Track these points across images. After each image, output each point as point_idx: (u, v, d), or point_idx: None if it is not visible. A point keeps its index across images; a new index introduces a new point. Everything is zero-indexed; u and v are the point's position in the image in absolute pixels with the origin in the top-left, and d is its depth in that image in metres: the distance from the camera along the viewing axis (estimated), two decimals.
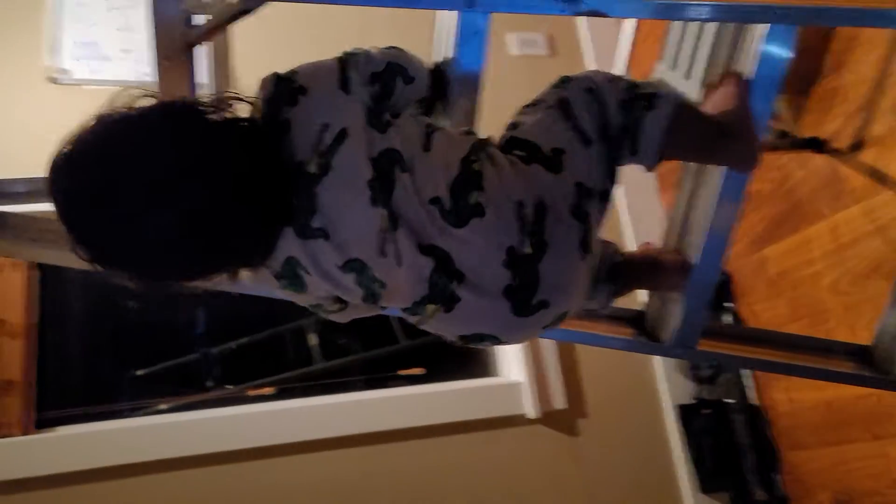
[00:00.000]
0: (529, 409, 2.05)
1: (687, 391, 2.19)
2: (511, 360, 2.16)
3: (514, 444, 2.05)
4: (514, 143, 0.85)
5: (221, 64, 1.10)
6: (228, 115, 0.74)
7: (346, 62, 0.80)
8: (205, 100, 0.74)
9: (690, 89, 1.39)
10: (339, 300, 0.82)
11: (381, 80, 0.81)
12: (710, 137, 0.93)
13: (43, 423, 1.82)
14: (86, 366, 2.25)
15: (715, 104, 0.96)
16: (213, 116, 0.72)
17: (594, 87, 0.87)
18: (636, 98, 0.87)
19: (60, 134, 0.71)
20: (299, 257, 0.76)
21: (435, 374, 2.13)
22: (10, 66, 1.99)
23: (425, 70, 0.88)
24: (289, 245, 0.75)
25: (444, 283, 0.77)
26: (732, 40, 1.04)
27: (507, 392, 2.09)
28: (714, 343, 1.08)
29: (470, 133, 0.88)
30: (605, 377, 2.16)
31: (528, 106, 0.90)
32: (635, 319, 1.13)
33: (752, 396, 2.09)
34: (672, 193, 1.07)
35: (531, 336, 0.91)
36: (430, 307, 0.79)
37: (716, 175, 1.00)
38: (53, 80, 1.91)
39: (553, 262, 0.78)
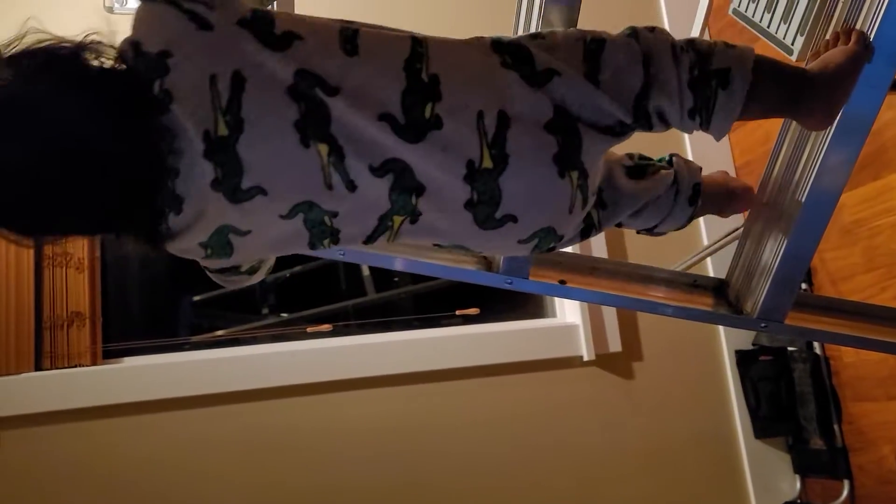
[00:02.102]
0: (584, 351, 2.04)
1: (745, 337, 2.15)
2: (567, 302, 2.13)
3: (568, 385, 2.05)
4: (508, 47, 0.76)
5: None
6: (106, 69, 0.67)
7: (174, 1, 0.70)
8: (86, 49, 0.67)
9: (788, 36, 1.27)
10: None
11: None
12: (786, 103, 0.85)
13: (109, 354, 1.87)
14: (145, 295, 2.30)
15: (821, 61, 0.87)
16: (92, 70, 0.67)
17: (651, 58, 0.77)
18: (708, 76, 0.77)
19: None
20: (234, 223, 0.71)
21: (489, 314, 2.12)
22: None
23: None
24: (220, 213, 0.70)
25: (405, 199, 0.72)
26: None
27: (562, 334, 2.07)
28: (802, 316, 1.03)
29: (400, 31, 0.77)
30: (661, 320, 2.10)
31: (574, 29, 0.82)
32: (718, 288, 1.08)
33: (817, 345, 2.04)
34: (743, 132, 0.98)
35: (510, 250, 0.85)
36: (397, 218, 0.74)
37: (821, 136, 0.92)
38: (110, 10, 1.87)
39: (516, 177, 0.72)
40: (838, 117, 0.87)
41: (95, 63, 0.67)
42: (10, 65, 0.65)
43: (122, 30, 0.71)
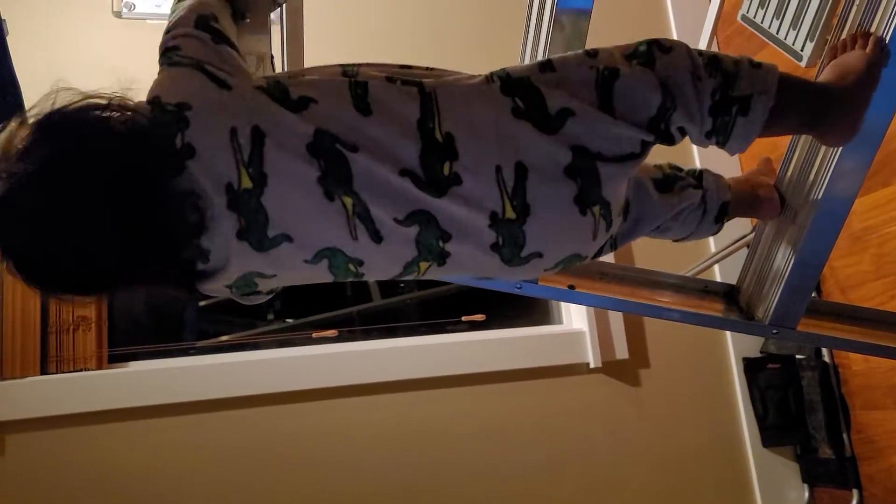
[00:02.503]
0: (591, 358, 2.03)
1: (753, 344, 2.14)
2: (573, 309, 2.13)
3: (574, 392, 2.03)
4: (518, 86, 0.75)
5: (294, 36, 1.03)
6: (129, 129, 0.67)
7: (194, 61, 0.72)
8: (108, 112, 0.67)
9: (798, 42, 1.27)
10: None
11: (212, 32, 0.76)
12: (807, 123, 0.85)
13: (114, 358, 1.87)
14: (151, 300, 2.29)
15: (838, 70, 0.87)
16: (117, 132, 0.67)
17: (668, 83, 0.76)
18: (729, 103, 0.77)
19: (124, 69, 0.68)
20: (260, 269, 0.73)
21: (495, 320, 2.11)
22: (76, 0, 1.95)
23: None
24: (246, 261, 0.71)
25: (433, 244, 0.74)
26: None
27: (568, 340, 2.06)
28: (814, 322, 1.02)
29: (402, 72, 0.77)
30: (668, 327, 2.10)
31: (584, 52, 0.80)
32: (728, 293, 1.07)
33: (825, 353, 2.02)
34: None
35: (535, 276, 0.88)
36: (423, 265, 0.76)
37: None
38: (118, 15, 1.87)
39: (540, 223, 0.74)
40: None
41: (120, 126, 0.67)
42: (39, 131, 0.66)
43: (133, 34, 0.72)
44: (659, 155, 0.96)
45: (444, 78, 0.77)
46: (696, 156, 2.26)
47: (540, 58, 0.98)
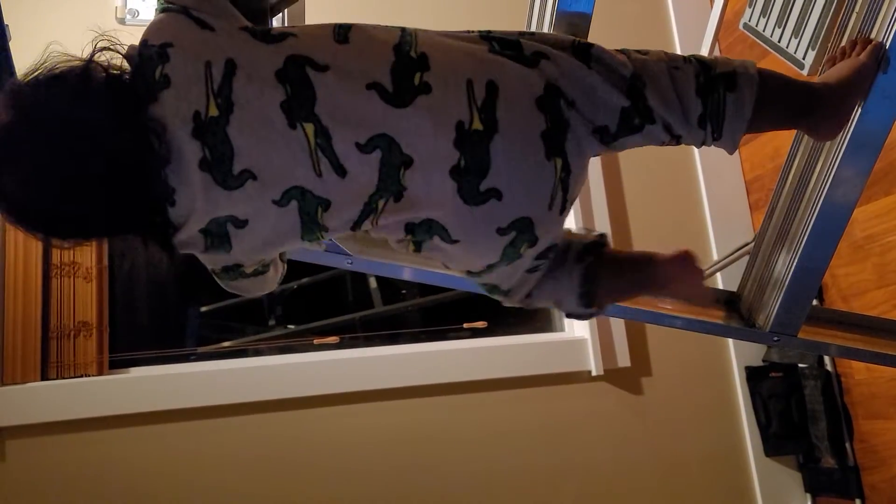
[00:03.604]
0: (593, 365, 2.02)
1: (755, 353, 2.13)
2: None
3: (576, 400, 2.03)
4: (495, 36, 0.77)
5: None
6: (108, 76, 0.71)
7: (181, 6, 0.75)
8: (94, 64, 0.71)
9: (799, 51, 1.27)
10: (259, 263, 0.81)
11: None
12: (794, 113, 0.85)
13: (115, 364, 1.87)
14: (153, 305, 2.30)
15: (830, 72, 0.88)
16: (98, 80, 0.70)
17: (645, 70, 0.78)
18: (714, 81, 0.78)
19: None
20: (231, 211, 0.72)
21: (497, 327, 2.11)
22: (81, 6, 1.96)
23: None
24: (214, 201, 0.71)
25: (393, 172, 0.71)
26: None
27: (570, 348, 2.06)
28: (816, 330, 1.01)
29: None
30: (671, 335, 2.10)
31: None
32: (729, 301, 1.06)
33: (827, 362, 2.02)
34: (753, 147, 0.98)
35: (486, 240, 0.75)
36: (380, 202, 0.73)
37: (834, 149, 0.91)
38: (122, 21, 1.88)
39: (506, 144, 0.71)
40: (851, 129, 0.86)
41: (103, 73, 0.71)
42: (30, 87, 0.70)
43: (137, 41, 0.75)
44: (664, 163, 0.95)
45: (427, 31, 0.78)
46: (697, 162, 2.26)
47: None
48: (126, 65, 0.72)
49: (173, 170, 0.70)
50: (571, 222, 2.11)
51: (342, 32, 0.74)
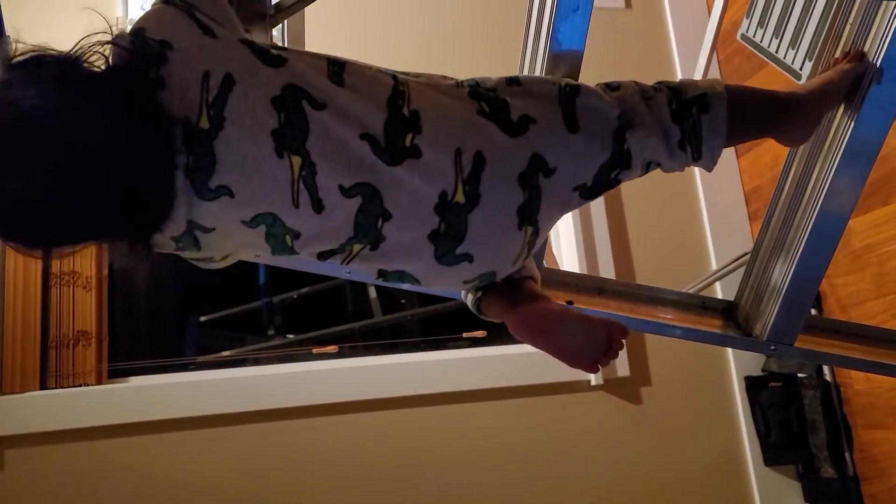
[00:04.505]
0: (592, 375, 2.02)
1: (755, 363, 2.13)
2: None
3: (575, 410, 2.03)
4: (484, 94, 0.77)
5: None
6: (99, 69, 0.69)
7: (185, 3, 0.73)
8: (79, 53, 0.69)
9: (797, 61, 1.28)
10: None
11: None
12: (764, 123, 0.88)
13: (114, 374, 1.87)
14: (152, 315, 2.30)
15: (810, 82, 0.91)
16: (88, 71, 0.68)
17: (623, 100, 0.80)
18: (687, 105, 0.80)
19: None
20: (200, 219, 0.71)
21: (496, 336, 2.11)
22: (80, 18, 1.97)
23: None
24: (189, 207, 0.71)
25: (371, 222, 0.73)
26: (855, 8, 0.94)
27: None
28: (813, 339, 1.02)
29: (383, 69, 0.79)
30: (670, 344, 2.09)
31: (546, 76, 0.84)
32: (727, 310, 1.07)
33: (826, 372, 2.02)
34: (752, 157, 0.99)
35: (453, 287, 0.83)
36: (357, 246, 0.74)
37: (830, 159, 0.92)
38: None
39: (484, 216, 0.74)
40: (846, 139, 0.87)
41: (96, 66, 0.69)
42: (15, 69, 0.67)
43: None
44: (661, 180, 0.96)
45: (419, 80, 0.79)
46: (696, 172, 2.27)
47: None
48: (118, 53, 0.70)
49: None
50: (570, 235, 2.12)
51: (336, 71, 0.74)
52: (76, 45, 0.70)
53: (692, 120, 0.80)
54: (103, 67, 0.69)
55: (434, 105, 0.75)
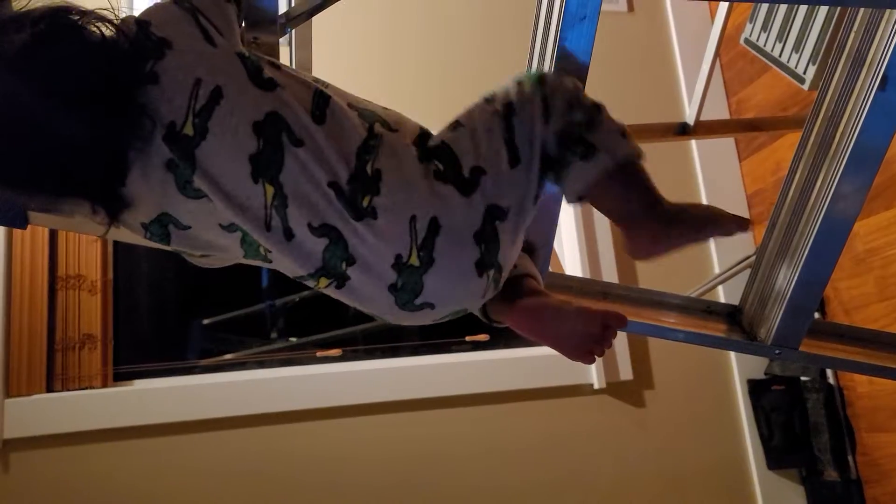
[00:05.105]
0: (595, 378, 2.03)
1: (758, 366, 2.14)
2: None
3: (578, 413, 2.03)
4: (434, 152, 0.78)
5: (302, 48, 1.05)
6: (104, 34, 0.71)
7: (193, 7, 0.75)
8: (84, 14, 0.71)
9: (800, 65, 1.28)
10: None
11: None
12: (625, 212, 0.83)
13: (119, 377, 1.87)
14: (156, 318, 2.30)
15: (685, 206, 0.86)
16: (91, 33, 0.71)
17: (548, 100, 0.79)
18: (577, 141, 0.78)
19: None
20: (176, 214, 0.74)
21: (499, 340, 2.12)
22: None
23: None
24: (167, 198, 0.73)
25: (336, 263, 0.74)
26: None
27: (572, 361, 2.05)
28: (817, 343, 1.02)
29: (363, 113, 0.80)
30: (673, 348, 2.11)
31: (483, 99, 0.82)
32: (731, 314, 1.07)
33: (830, 375, 2.02)
34: (755, 161, 0.98)
35: (425, 323, 0.83)
36: (323, 280, 0.76)
37: (835, 164, 0.92)
38: None
39: (439, 277, 0.76)
40: (851, 144, 0.87)
41: (98, 32, 0.71)
42: (17, 21, 0.69)
43: None
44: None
45: (391, 133, 0.79)
46: (699, 176, 2.27)
47: None
48: (124, 35, 0.72)
49: (137, 157, 0.71)
50: (574, 240, 2.12)
51: (321, 105, 0.76)
52: (83, 11, 0.71)
53: (568, 158, 0.78)
54: (100, 38, 0.71)
55: (397, 168, 0.76)
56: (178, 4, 0.75)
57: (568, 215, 2.14)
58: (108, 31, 0.72)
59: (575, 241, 2.13)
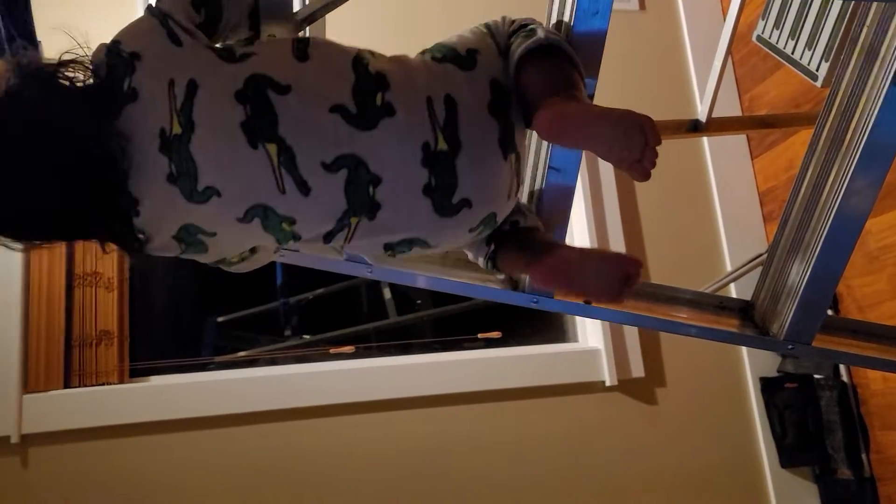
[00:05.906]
0: (607, 376, 2.03)
1: (770, 363, 2.13)
2: (589, 327, 2.13)
3: (590, 410, 2.04)
4: (430, 49, 0.81)
5: None
6: (75, 84, 0.73)
7: (162, 13, 0.77)
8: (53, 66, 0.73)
9: (813, 62, 1.28)
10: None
11: (205, 4, 0.80)
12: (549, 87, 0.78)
13: (135, 373, 1.90)
14: (171, 315, 2.33)
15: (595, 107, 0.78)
16: (63, 83, 0.73)
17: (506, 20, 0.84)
18: (520, 29, 0.82)
19: None
20: (197, 222, 0.74)
21: (511, 337, 2.12)
22: (104, 13, 2.00)
23: None
24: (182, 211, 0.73)
25: (363, 191, 0.73)
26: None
27: (584, 358, 2.07)
28: (830, 338, 1.02)
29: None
30: (685, 345, 2.11)
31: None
32: (743, 309, 1.07)
33: (843, 372, 2.01)
34: (767, 159, 0.98)
35: (460, 238, 0.83)
36: (354, 219, 0.75)
37: (847, 160, 0.92)
38: None
39: (470, 159, 0.75)
40: (863, 140, 0.87)
41: (71, 76, 0.73)
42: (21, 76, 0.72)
43: None
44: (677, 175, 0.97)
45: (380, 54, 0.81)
46: (710, 173, 2.27)
47: None
48: (96, 69, 0.74)
49: (137, 182, 0.72)
50: (584, 234, 2.13)
51: (301, 48, 0.76)
52: (57, 60, 0.74)
53: (512, 42, 0.81)
54: (75, 85, 0.73)
55: (397, 65, 0.77)
56: (151, 13, 0.77)
57: (579, 209, 2.14)
58: (81, 74, 0.73)
59: (586, 238, 2.13)
